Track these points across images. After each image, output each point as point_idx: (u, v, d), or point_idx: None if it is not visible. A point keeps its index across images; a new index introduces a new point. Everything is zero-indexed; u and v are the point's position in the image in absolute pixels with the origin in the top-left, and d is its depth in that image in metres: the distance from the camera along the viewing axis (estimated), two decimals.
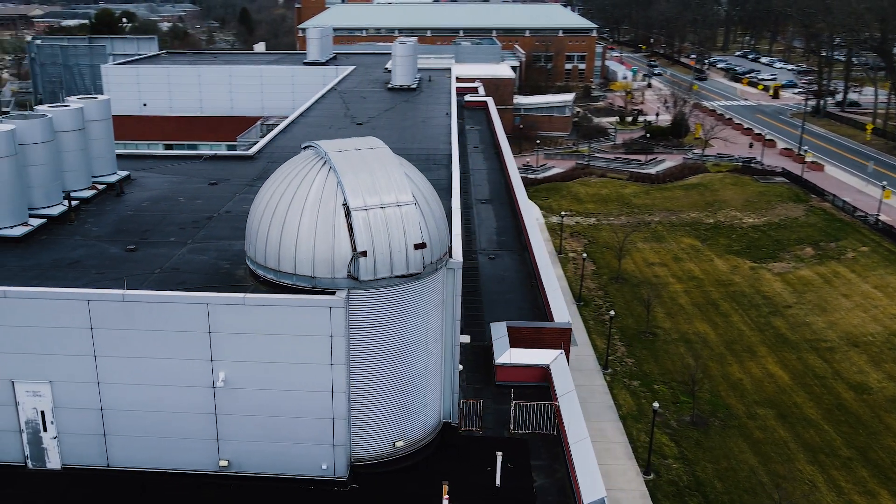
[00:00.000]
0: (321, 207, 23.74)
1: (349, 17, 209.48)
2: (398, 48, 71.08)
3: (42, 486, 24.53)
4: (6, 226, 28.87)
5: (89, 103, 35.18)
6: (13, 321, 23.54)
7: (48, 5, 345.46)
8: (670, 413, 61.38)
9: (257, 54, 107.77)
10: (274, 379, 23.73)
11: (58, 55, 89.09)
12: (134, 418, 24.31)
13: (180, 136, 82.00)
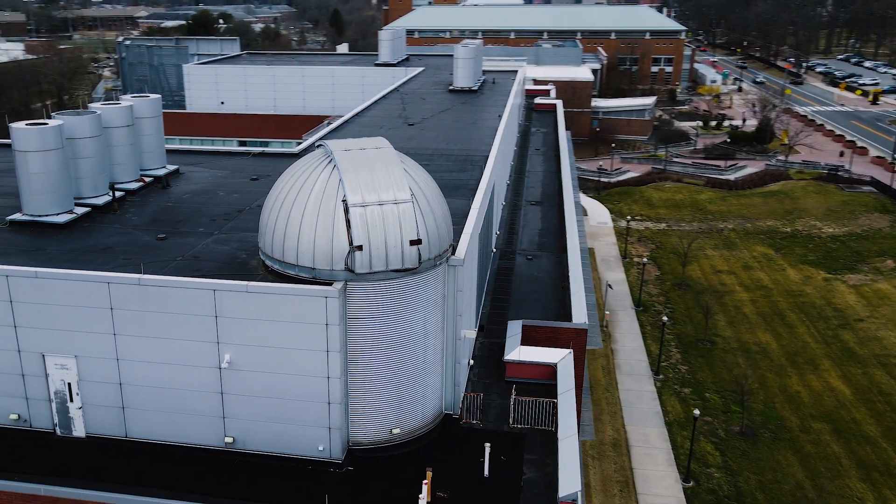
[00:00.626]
0: (323, 203, 25.12)
1: (434, 19, 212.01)
2: (460, 51, 72.21)
3: (68, 451, 26.72)
4: (52, 213, 31.46)
5: (140, 101, 37.67)
6: (44, 299, 25.80)
7: (153, 7, 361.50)
8: (719, 422, 60.54)
9: (332, 55, 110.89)
10: (275, 363, 25.23)
11: (144, 55, 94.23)
12: (149, 394, 26.25)
13: (254, 133, 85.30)
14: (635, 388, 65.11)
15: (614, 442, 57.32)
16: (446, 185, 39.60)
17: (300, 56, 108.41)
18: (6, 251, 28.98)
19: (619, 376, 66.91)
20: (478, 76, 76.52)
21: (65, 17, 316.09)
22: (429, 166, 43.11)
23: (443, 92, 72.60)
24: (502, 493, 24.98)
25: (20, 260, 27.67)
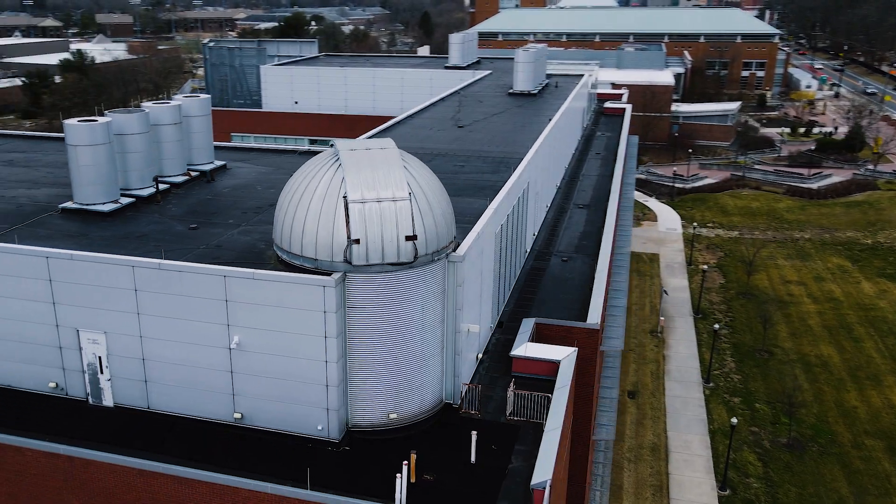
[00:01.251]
0: (326, 199, 26.90)
1: (519, 22, 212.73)
2: (520, 55, 73.20)
3: (99, 419, 29.35)
4: (99, 202, 34.39)
5: (190, 101, 40.46)
6: (78, 279, 28.49)
7: (251, 9, 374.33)
8: (765, 433, 59.78)
9: (405, 58, 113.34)
10: (278, 345, 27.15)
11: (225, 56, 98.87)
12: (168, 369, 28.61)
13: (325, 132, 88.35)
14: (683, 394, 64.77)
15: (653, 446, 57.33)
16: (474, 185, 41.05)
17: (374, 58, 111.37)
18: (54, 235, 31.98)
19: (667, 382, 66.65)
20: (539, 80, 77.36)
21: (168, 19, 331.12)
22: (464, 167, 44.73)
23: (502, 95, 73.77)
24: (484, 479, 26.16)
25: (64, 244, 30.52)
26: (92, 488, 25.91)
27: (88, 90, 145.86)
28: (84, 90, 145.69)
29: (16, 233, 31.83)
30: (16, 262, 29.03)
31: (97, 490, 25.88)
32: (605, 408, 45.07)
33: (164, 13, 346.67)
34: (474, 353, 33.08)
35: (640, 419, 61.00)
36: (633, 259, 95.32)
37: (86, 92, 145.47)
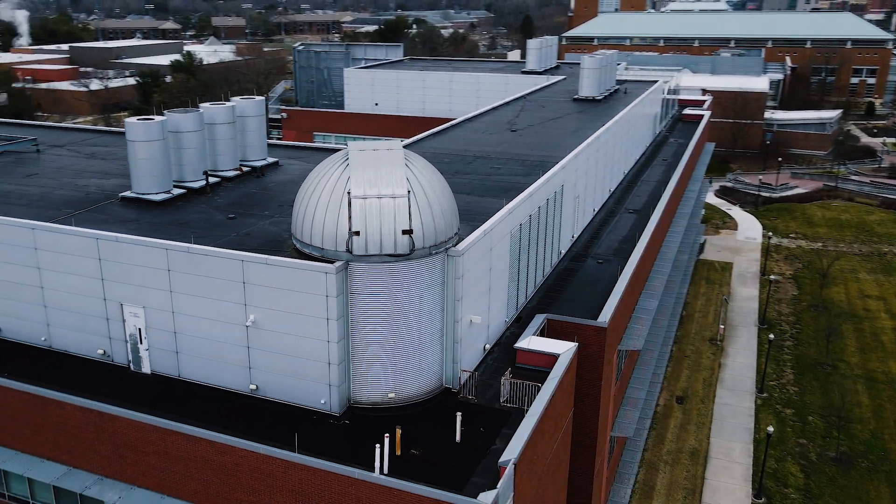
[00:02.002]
0: (333, 194, 29.69)
1: (615, 26, 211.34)
2: (586, 61, 74.43)
3: (139, 384, 33.11)
4: (152, 192, 38.41)
5: (244, 102, 44.19)
6: (123, 259, 32.31)
7: (357, 12, 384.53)
8: (814, 446, 59.15)
9: (487, 62, 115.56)
10: (287, 325, 30.11)
11: (313, 59, 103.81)
12: (195, 342, 32.06)
13: (402, 133, 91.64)
14: (733, 402, 64.60)
15: (693, 451, 57.71)
16: (502, 187, 43.07)
17: (455, 63, 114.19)
18: (110, 220, 36.07)
19: (719, 390, 66.56)
20: (606, 86, 78.29)
21: (279, 22, 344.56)
22: (499, 170, 46.88)
23: (566, 101, 75.17)
24: (466, 457, 28.27)
25: (115, 228, 34.49)
26: (118, 441, 29.55)
27: (195, 89, 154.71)
28: (191, 89, 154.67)
29: (78, 217, 36.11)
30: (72, 242, 33.15)
31: (122, 442, 29.50)
32: (630, 407, 46.28)
33: (276, 17, 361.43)
34: (481, 344, 35.20)
35: (684, 424, 61.35)
36: (703, 267, 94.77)
37: (192, 91, 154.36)
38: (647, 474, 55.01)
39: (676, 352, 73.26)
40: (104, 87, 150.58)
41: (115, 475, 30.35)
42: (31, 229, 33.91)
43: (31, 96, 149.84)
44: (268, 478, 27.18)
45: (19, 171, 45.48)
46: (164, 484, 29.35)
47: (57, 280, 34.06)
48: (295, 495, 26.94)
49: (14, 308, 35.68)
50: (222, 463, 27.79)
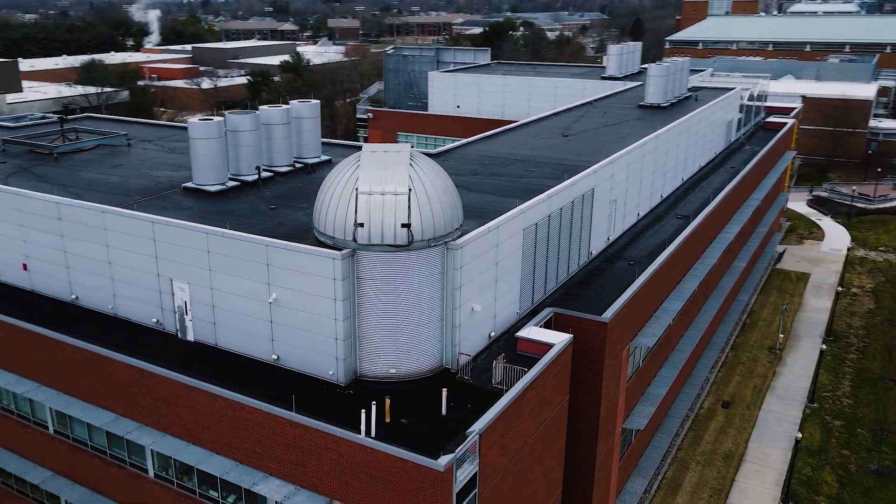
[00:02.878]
0: (344, 190, 33.68)
1: (723, 30, 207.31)
2: (652, 69, 75.85)
3: (185, 350, 38.14)
4: (208, 184, 43.60)
5: (301, 105, 48.94)
6: (172, 240, 37.38)
7: (470, 14, 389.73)
8: (856, 458, 59.13)
9: (571, 66, 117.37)
10: (303, 303, 34.30)
11: (401, 62, 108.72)
12: (229, 315, 36.77)
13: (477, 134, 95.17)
14: (779, 410, 64.93)
15: (728, 454, 58.75)
16: (527, 189, 45.97)
17: (539, 67, 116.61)
18: (169, 206, 41.40)
19: (768, 397, 66.92)
20: (675, 93, 79.34)
21: (391, 24, 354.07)
22: (532, 173, 49.94)
23: (632, 107, 76.79)
24: (447, 428, 31.54)
25: (173, 214, 39.70)
26: (155, 395, 34.58)
27: (301, 89, 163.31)
28: (297, 89, 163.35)
29: (144, 203, 41.65)
30: (132, 224, 38.54)
31: (158, 396, 34.50)
32: (647, 402, 48.33)
33: (390, 18, 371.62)
34: (486, 331, 38.42)
35: (724, 427, 62.29)
36: (778, 277, 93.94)
37: (298, 91, 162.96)
38: (676, 471, 56.57)
39: (732, 358, 73.74)
40: (213, 86, 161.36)
41: (152, 424, 35.46)
42: (101, 212, 39.57)
43: (150, 93, 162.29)
44: (269, 432, 31.49)
45: (108, 162, 51.90)
46: (189, 433, 34.20)
47: (121, 257, 39.57)
48: (290, 448, 31.11)
49: (89, 279, 41.53)
50: (234, 417, 32.29)
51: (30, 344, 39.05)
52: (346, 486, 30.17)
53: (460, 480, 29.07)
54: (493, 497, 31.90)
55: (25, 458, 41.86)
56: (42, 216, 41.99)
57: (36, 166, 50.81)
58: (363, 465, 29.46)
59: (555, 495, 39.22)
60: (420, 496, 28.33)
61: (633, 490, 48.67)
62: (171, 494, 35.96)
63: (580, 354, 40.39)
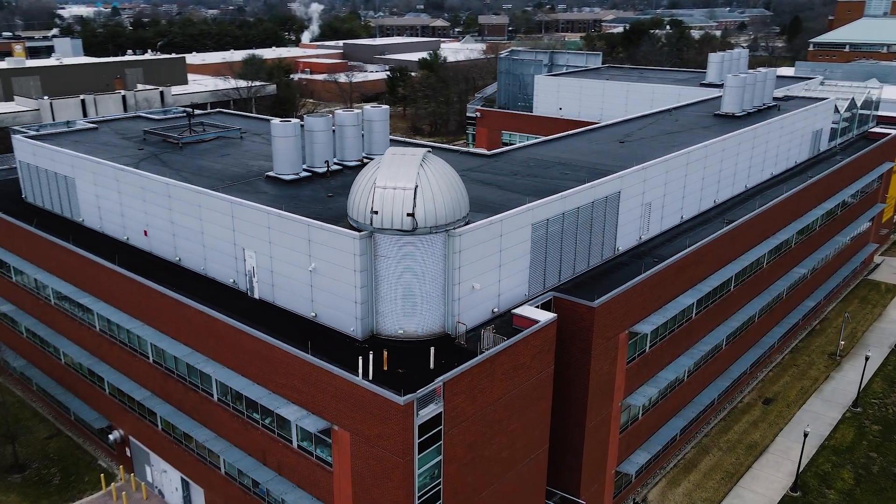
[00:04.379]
0: (366, 184, 42.23)
1: (875, 32, 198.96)
2: (729, 80, 79.44)
3: (251, 305, 48.14)
4: (285, 173, 53.54)
5: (372, 110, 58.00)
6: (243, 217, 47.36)
7: (624, 11, 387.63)
8: (882, 460, 61.70)
9: (678, 72, 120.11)
10: (332, 272, 43.20)
11: (512, 65, 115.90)
12: (282, 279, 46.34)
13: None
14: (819, 411, 67.84)
15: (752, 444, 62.87)
16: (553, 189, 52.61)
17: (648, 72, 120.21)
18: (250, 190, 51.55)
19: (812, 398, 69.82)
20: (755, 102, 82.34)
21: (540, 21, 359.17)
22: (567, 175, 56.76)
23: (707, 116, 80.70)
24: (428, 377, 39.46)
25: (251, 197, 49.73)
26: (216, 335, 44.74)
27: (435, 85, 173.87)
28: (431, 85, 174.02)
29: (231, 187, 52.12)
30: (217, 204, 48.92)
31: (219, 336, 44.65)
32: (653, 385, 54.00)
33: (543, 14, 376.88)
34: (489, 307, 45.89)
35: (757, 421, 66.15)
36: (866, 287, 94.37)
37: (432, 87, 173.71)
38: (696, 454, 61.50)
39: (788, 360, 76.62)
40: (349, 81, 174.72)
41: (214, 357, 45.75)
42: (196, 193, 50.31)
43: (294, 87, 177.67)
44: (290, 369, 40.74)
45: (219, 152, 63.25)
46: (238, 366, 44.15)
47: (210, 229, 50.15)
48: (304, 382, 40.22)
49: (188, 245, 52.54)
50: (268, 356, 41.82)
51: (137, 291, 50.49)
52: (341, 412, 38.91)
53: (423, 415, 37.03)
54: (461, 435, 39.59)
55: (133, 380, 53.69)
56: (157, 194, 53.45)
57: (164, 153, 62.91)
58: (352, 398, 38.06)
59: (539, 449, 46.20)
60: (388, 423, 36.59)
61: (635, 461, 54.50)
62: (227, 414, 46.24)
63: (572, 334, 47.23)
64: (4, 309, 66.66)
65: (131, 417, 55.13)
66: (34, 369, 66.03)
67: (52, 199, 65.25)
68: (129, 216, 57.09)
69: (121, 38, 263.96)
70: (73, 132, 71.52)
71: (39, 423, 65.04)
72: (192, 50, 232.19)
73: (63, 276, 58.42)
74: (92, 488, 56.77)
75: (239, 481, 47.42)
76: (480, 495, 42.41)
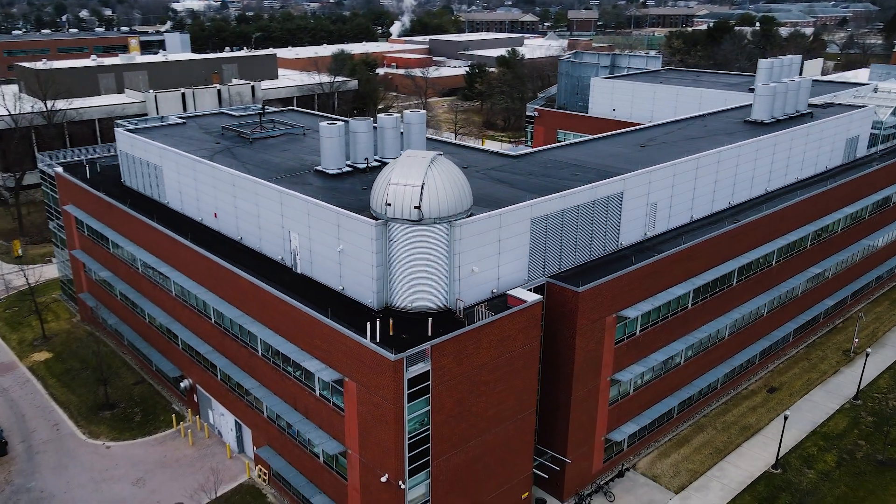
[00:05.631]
0: (383, 180, 50.85)
1: None
2: (759, 88, 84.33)
3: (295, 279, 57.64)
4: (329, 168, 62.91)
5: (410, 114, 66.68)
6: (289, 204, 56.84)
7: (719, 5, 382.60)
8: (869, 448, 66.43)
9: (734, 75, 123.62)
10: (355, 253, 52.12)
11: (570, 67, 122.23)
12: (318, 258, 55.56)
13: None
14: (819, 401, 72.81)
15: (746, 426, 68.69)
16: (556, 188, 59.99)
17: (704, 75, 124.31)
18: (298, 182, 61.02)
19: (816, 390, 74.74)
20: (786, 110, 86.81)
21: (630, 15, 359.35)
22: (577, 176, 64.10)
23: (737, 122, 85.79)
24: (424, 341, 47.89)
25: (298, 188, 59.19)
26: (259, 300, 54.51)
27: (510, 82, 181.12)
28: (507, 82, 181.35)
29: (282, 179, 61.79)
30: (269, 192, 58.59)
31: (262, 302, 54.38)
32: (643, 364, 60.85)
33: (634, 9, 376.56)
34: (489, 288, 53.88)
35: (756, 406, 71.74)
36: None
37: (508, 83, 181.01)
38: (691, 432, 67.84)
39: (802, 354, 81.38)
40: (423, 77, 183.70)
41: (259, 319, 55.57)
42: (254, 182, 60.20)
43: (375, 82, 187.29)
44: (313, 329, 49.99)
45: (281, 147, 73.27)
46: (276, 326, 53.80)
47: (264, 213, 59.95)
48: (323, 340, 49.39)
49: (247, 227, 62.55)
50: (297, 318, 51.22)
51: (204, 263, 60.88)
52: (350, 366, 47.90)
53: (412, 370, 45.52)
54: (448, 391, 47.88)
55: (200, 337, 64.37)
56: (224, 182, 63.70)
57: (236, 147, 73.40)
58: (359, 355, 46.96)
59: (526, 412, 53.99)
60: (383, 376, 45.28)
61: (624, 431, 61.51)
62: (269, 367, 56.06)
63: (562, 315, 54.83)
64: (103, 275, 78.93)
65: (198, 368, 65.96)
66: (125, 326, 78.18)
67: (144, 183, 76.87)
68: (203, 200, 67.71)
69: (224, 32, 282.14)
70: (165, 126, 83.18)
71: (127, 371, 77.21)
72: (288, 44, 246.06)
73: (149, 249, 69.72)
74: (165, 426, 68.12)
75: (276, 423, 57.30)
76: (468, 444, 50.69)
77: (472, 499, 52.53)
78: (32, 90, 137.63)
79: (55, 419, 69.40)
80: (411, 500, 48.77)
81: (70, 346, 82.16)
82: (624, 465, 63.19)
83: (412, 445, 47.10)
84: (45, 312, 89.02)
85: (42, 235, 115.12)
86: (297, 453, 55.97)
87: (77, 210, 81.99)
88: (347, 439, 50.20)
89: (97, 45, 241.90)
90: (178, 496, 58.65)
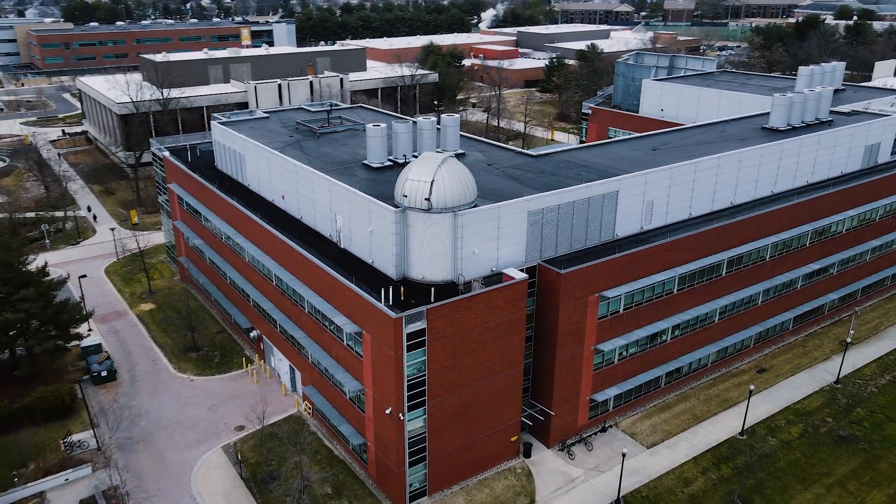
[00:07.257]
0: (403, 176, 63.61)
1: None
2: (776, 98, 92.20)
3: (338, 252, 71.21)
4: (373, 162, 76.21)
5: (446, 118, 79.11)
6: (335, 192, 70.52)
7: None
8: (835, 424, 74.85)
9: (780, 79, 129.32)
10: (380, 233, 65.15)
11: (625, 69, 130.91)
12: (356, 236, 68.86)
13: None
14: (801, 382, 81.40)
15: (727, 399, 78.31)
16: (557, 186, 71.19)
17: (755, 78, 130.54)
18: (346, 173, 74.54)
19: (802, 373, 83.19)
20: (804, 118, 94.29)
21: (728, 5, 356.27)
22: (580, 175, 75.10)
23: (755, 129, 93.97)
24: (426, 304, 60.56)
25: (345, 178, 72.64)
26: (308, 268, 68.48)
27: (588, 76, 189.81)
28: (584, 76, 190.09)
29: (336, 170, 75.44)
30: (321, 181, 72.33)
31: (309, 269, 68.33)
32: (624, 338, 71.67)
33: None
34: (489, 267, 65.95)
35: (742, 384, 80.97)
36: None
37: (585, 77, 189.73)
38: (675, 400, 78.06)
39: (799, 342, 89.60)
40: (498, 69, 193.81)
41: (306, 283, 69.56)
42: (310, 172, 74.12)
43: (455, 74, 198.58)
44: (342, 291, 63.52)
45: (341, 142, 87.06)
46: (317, 289, 67.64)
47: (318, 198, 73.77)
48: (347, 300, 62.85)
49: (305, 208, 76.59)
50: (331, 283, 64.81)
51: (269, 236, 75.47)
52: (366, 322, 61.18)
53: (410, 327, 58.29)
54: (442, 346, 60.44)
55: (265, 296, 79.31)
56: (289, 171, 77.99)
57: (304, 141, 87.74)
58: (372, 313, 60.15)
59: (514, 369, 65.97)
60: (388, 330, 58.20)
61: (607, 393, 72.58)
62: (312, 322, 70.18)
63: (548, 291, 66.43)
64: (196, 243, 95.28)
65: (263, 322, 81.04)
66: (211, 286, 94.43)
67: (232, 167, 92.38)
68: (273, 185, 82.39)
69: (328, 22, 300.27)
70: (252, 120, 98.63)
71: (212, 321, 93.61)
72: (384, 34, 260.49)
73: (230, 223, 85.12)
74: (237, 367, 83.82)
75: (318, 367, 71.45)
76: (460, 390, 63.24)
77: (464, 435, 65.15)
78: (152, 80, 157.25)
79: (153, 356, 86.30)
80: (411, 430, 61.82)
81: (169, 299, 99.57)
82: (607, 423, 74.32)
83: (411, 386, 60.07)
84: (151, 271, 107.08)
85: (154, 206, 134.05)
86: (331, 391, 70.02)
87: (178, 188, 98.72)
88: (365, 380, 63.64)
89: (213, 35, 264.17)
90: (240, 420, 73.88)
